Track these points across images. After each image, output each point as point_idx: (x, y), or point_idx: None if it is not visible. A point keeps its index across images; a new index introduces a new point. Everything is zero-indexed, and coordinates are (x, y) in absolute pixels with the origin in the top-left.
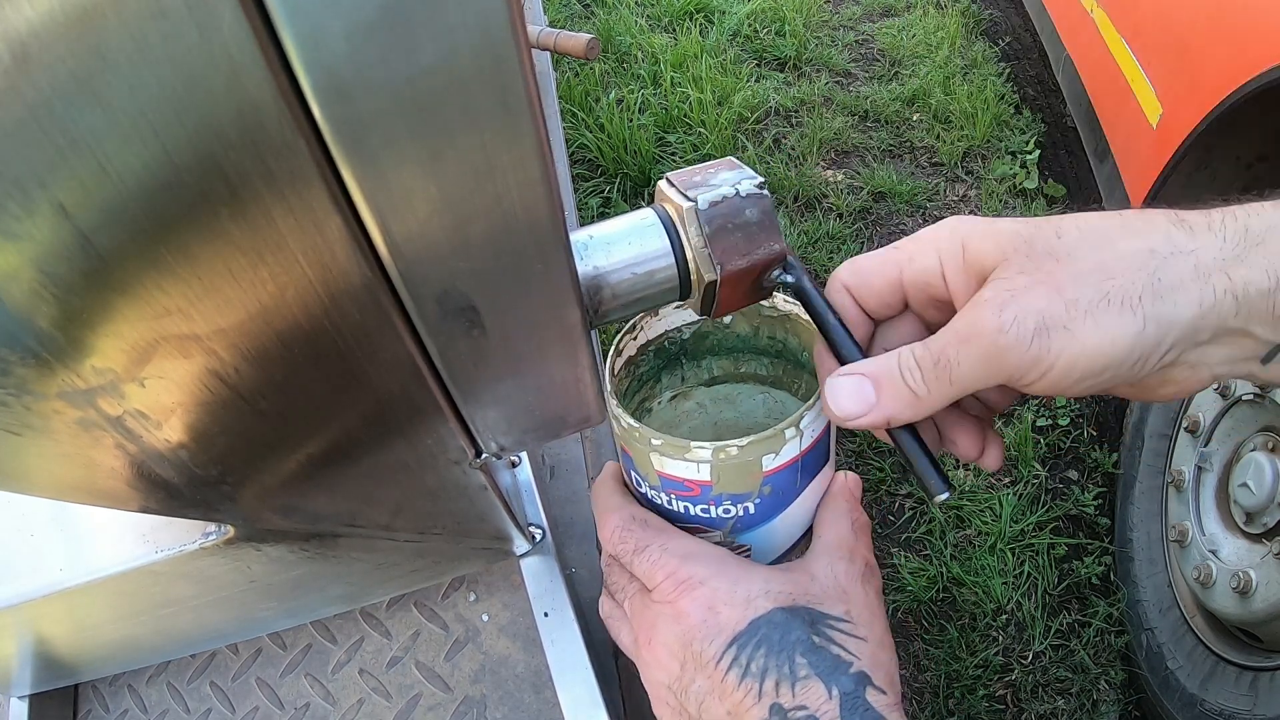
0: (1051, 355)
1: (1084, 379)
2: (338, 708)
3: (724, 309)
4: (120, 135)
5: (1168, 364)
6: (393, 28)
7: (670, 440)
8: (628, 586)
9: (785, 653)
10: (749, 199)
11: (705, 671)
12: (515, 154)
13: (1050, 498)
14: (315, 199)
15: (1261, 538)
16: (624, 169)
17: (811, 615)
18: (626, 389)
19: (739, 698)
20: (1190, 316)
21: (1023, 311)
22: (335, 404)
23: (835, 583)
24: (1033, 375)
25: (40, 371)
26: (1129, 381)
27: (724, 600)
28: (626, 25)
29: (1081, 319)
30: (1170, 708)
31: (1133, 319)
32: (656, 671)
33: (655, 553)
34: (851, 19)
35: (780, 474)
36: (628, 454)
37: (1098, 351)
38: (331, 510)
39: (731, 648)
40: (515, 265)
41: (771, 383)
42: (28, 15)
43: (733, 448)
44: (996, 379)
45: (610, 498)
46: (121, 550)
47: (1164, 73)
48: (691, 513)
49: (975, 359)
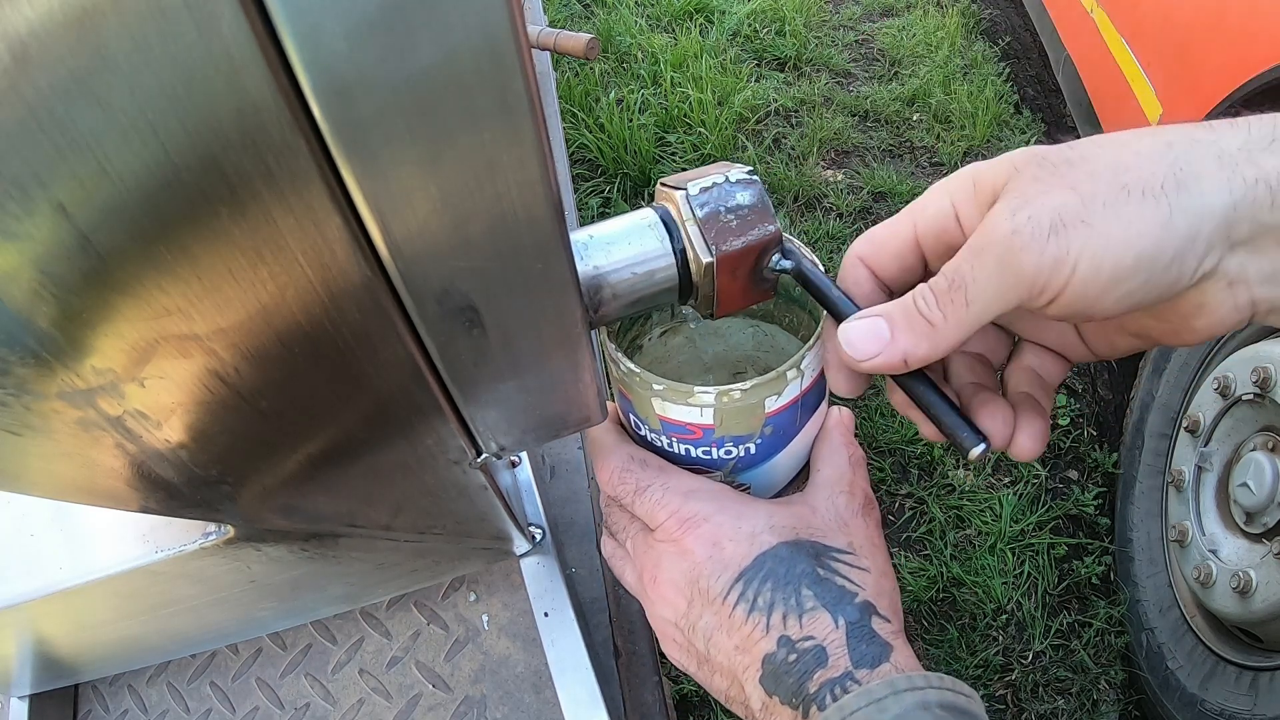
0: (1072, 255)
1: (1114, 284)
2: (338, 708)
3: (724, 305)
4: (120, 135)
5: (1206, 273)
6: (393, 27)
7: (673, 385)
8: (629, 526)
9: (791, 585)
10: (739, 184)
11: (713, 607)
12: (515, 154)
13: (1050, 498)
14: (315, 199)
15: (1261, 538)
16: (624, 169)
17: (815, 548)
18: (619, 328)
19: (747, 631)
20: (1221, 206)
21: (1036, 211)
22: (335, 404)
23: (836, 516)
24: (1056, 283)
25: (40, 371)
26: (1165, 295)
27: (729, 536)
28: (626, 25)
29: (1100, 211)
30: (1170, 708)
31: (1156, 207)
32: (663, 608)
33: (657, 492)
34: (851, 19)
35: (781, 414)
36: (626, 397)
37: (1124, 245)
38: (331, 510)
39: (738, 583)
40: (515, 265)
41: (761, 316)
42: (28, 15)
43: (736, 391)
44: (1016, 293)
45: (607, 438)
46: (121, 550)
47: (1164, 73)
48: (693, 454)
49: (990, 271)
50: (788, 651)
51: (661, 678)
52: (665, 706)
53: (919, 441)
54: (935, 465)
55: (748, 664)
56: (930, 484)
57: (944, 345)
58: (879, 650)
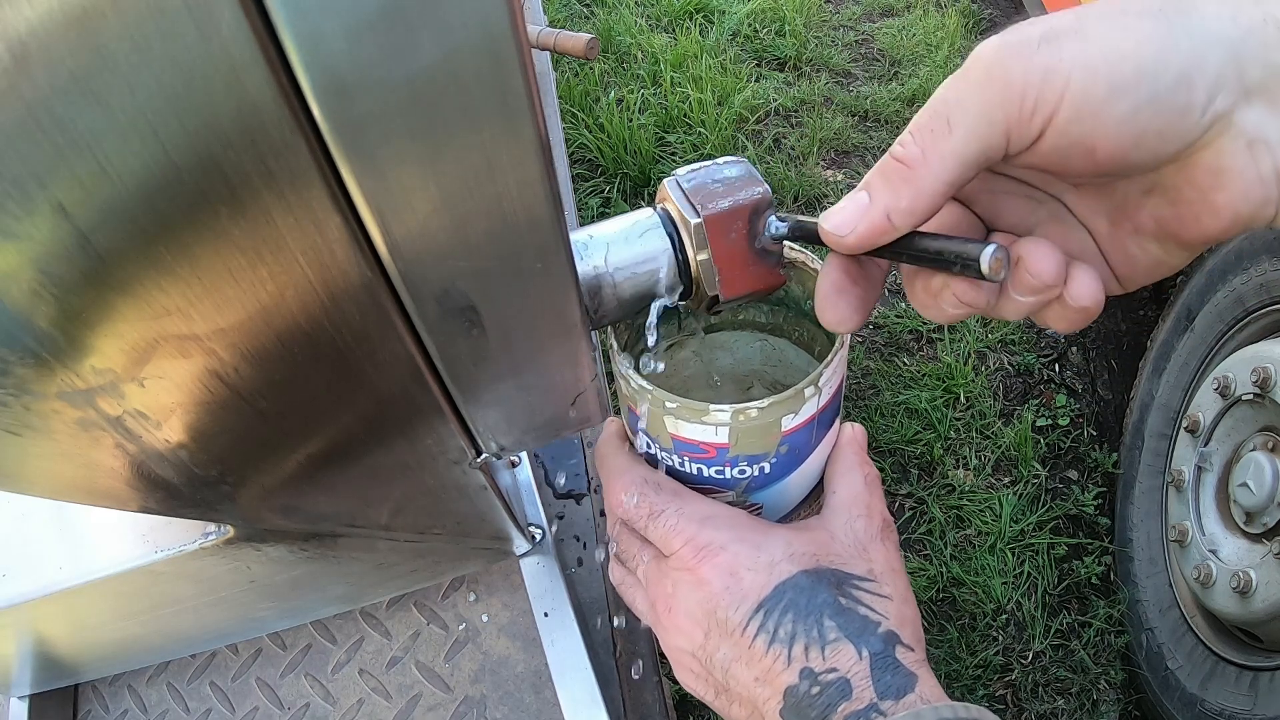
0: (1064, 64)
1: (1114, 96)
2: (338, 708)
3: (728, 282)
4: (120, 135)
5: (1220, 116)
6: (392, 27)
7: (687, 403)
8: (641, 552)
9: (813, 616)
10: (726, 164)
11: (731, 639)
12: (515, 154)
13: (1050, 498)
14: (315, 199)
15: (1261, 537)
16: (624, 169)
17: (836, 576)
18: (625, 341)
19: (768, 663)
20: (1226, 36)
21: (1026, 28)
22: (335, 404)
23: (856, 541)
24: (1048, 97)
25: (40, 371)
26: (1174, 131)
27: (746, 565)
28: (626, 25)
29: (1095, 24)
30: (1170, 708)
31: (1155, 23)
32: (678, 638)
33: (671, 518)
34: (851, 19)
35: (798, 433)
36: (635, 413)
37: (1121, 55)
38: (331, 510)
39: (758, 613)
40: (515, 265)
41: (770, 330)
42: (28, 15)
43: (753, 409)
44: (1004, 111)
45: (617, 458)
46: (121, 550)
47: None
48: (705, 474)
49: (975, 86)
50: (810, 684)
51: (661, 678)
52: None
53: (919, 441)
54: (935, 465)
55: (768, 696)
56: (930, 484)
57: (927, 188)
58: (904, 681)
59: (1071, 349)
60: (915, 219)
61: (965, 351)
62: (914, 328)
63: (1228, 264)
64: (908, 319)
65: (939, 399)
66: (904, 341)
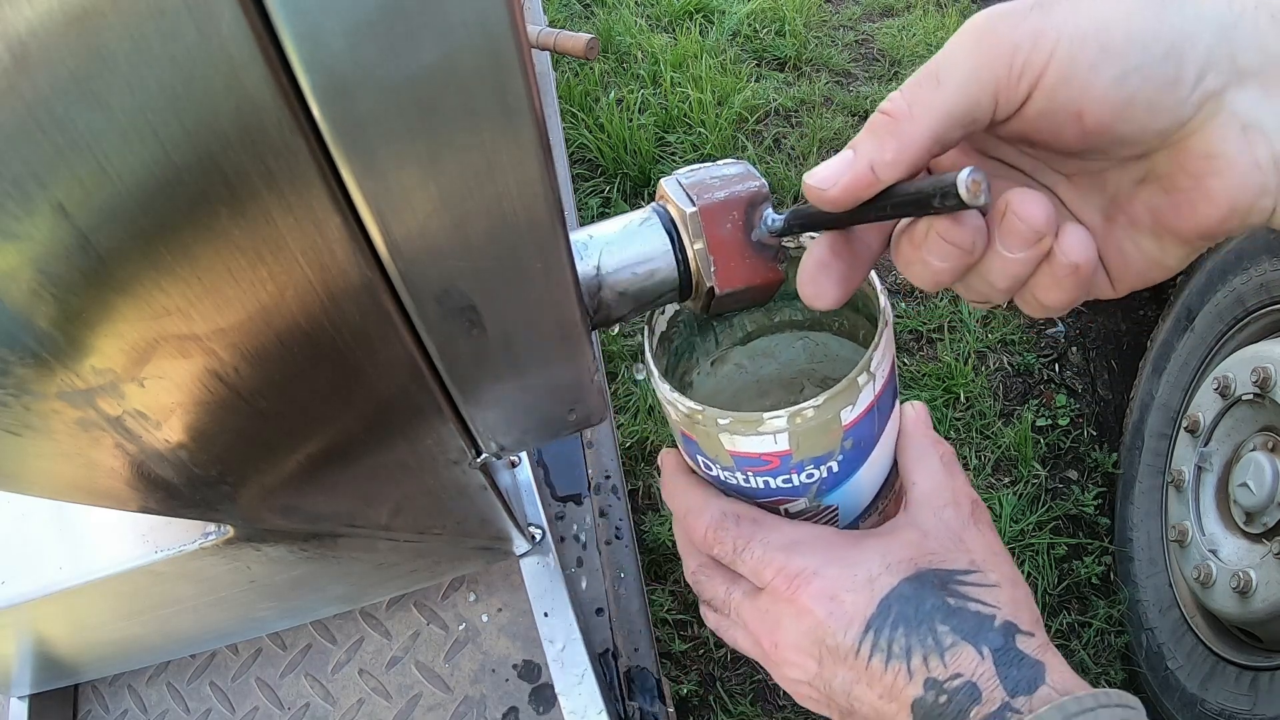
0: (1054, 28)
1: (1103, 59)
2: (338, 708)
3: (724, 274)
4: (120, 135)
5: (1211, 96)
6: (392, 27)
7: (740, 416)
8: (732, 590)
9: (925, 624)
10: (725, 164)
11: (846, 663)
12: (515, 154)
13: (1050, 498)
14: (315, 199)
15: (1261, 537)
16: (624, 169)
17: (939, 576)
18: (666, 367)
19: (889, 680)
20: (1221, 18)
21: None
22: (335, 404)
23: (949, 533)
24: (1036, 59)
25: (40, 371)
26: (1164, 103)
27: (845, 587)
28: (626, 25)
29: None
30: (1170, 708)
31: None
32: (791, 670)
33: (758, 549)
34: (851, 19)
35: (860, 425)
36: (690, 438)
37: (1110, 22)
38: (331, 510)
39: (868, 634)
40: (515, 265)
41: (809, 325)
42: (27, 15)
43: (809, 409)
44: (992, 71)
45: (690, 495)
46: (121, 550)
47: None
48: (772, 486)
49: (965, 44)
50: (936, 694)
51: (661, 678)
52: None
53: None
54: None
55: (896, 710)
56: None
57: (911, 141)
58: (1032, 672)
59: (1071, 349)
60: (899, 171)
61: (965, 351)
62: (914, 328)
63: (1228, 264)
64: (908, 319)
65: (939, 399)
66: (904, 342)
